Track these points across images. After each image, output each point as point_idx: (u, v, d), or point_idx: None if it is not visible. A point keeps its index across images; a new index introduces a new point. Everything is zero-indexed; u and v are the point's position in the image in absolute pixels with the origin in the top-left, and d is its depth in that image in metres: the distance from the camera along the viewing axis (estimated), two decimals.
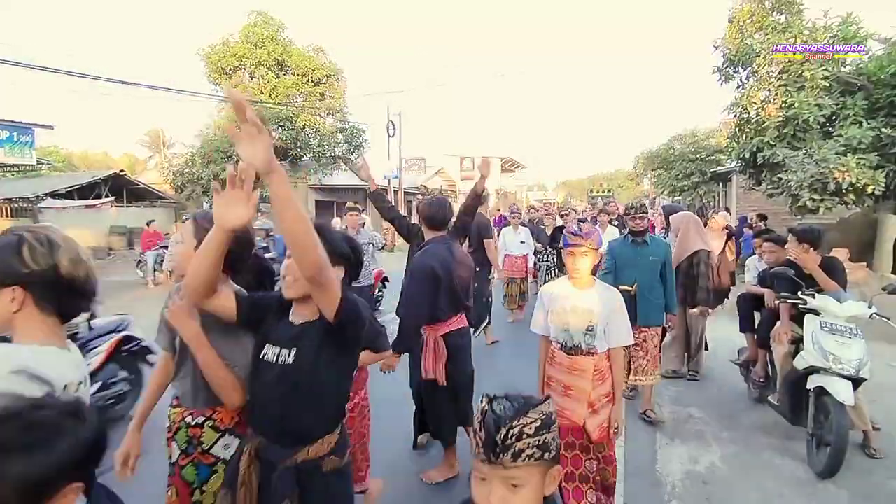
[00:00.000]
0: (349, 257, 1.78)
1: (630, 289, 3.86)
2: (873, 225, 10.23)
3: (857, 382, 3.14)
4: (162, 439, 1.89)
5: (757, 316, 4.44)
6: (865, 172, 7.90)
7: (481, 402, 1.03)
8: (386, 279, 8.52)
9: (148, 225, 12.28)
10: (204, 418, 1.78)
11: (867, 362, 3.13)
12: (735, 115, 10.59)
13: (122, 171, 23.24)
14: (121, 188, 22.26)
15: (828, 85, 8.97)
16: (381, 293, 8.31)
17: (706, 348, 5.39)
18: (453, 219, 3.48)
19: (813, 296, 3.33)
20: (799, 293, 3.40)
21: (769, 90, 9.64)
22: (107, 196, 21.54)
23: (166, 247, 11.94)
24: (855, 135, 8.28)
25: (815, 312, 3.33)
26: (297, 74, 22.19)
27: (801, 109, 8.96)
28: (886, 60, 8.51)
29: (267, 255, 6.91)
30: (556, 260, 7.75)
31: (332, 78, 22.88)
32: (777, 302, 3.64)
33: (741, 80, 10.62)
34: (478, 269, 4.83)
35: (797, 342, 3.53)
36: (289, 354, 1.60)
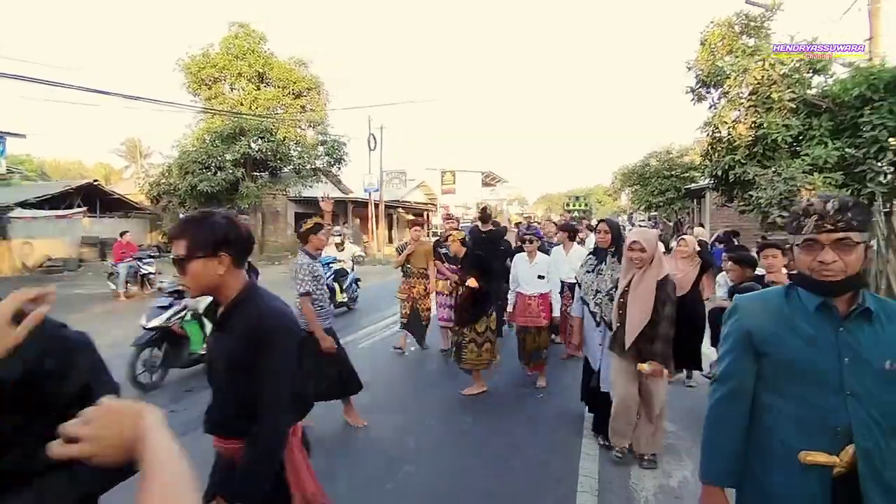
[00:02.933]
0: (228, 242, 1.59)
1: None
2: None
3: None
4: None
5: None
6: (831, 191, 8.18)
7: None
8: (358, 279, 10.24)
9: (121, 236, 12.00)
10: None
11: None
12: (708, 134, 10.91)
13: (95, 180, 22.72)
14: (94, 198, 21.76)
15: (794, 106, 9.31)
16: (356, 294, 10.03)
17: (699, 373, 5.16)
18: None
19: None
20: None
21: (740, 110, 9.98)
22: (79, 206, 21.02)
23: (140, 259, 11.68)
24: (821, 154, 8.59)
25: None
26: (278, 87, 22.15)
27: (770, 129, 9.28)
28: (850, 83, 8.87)
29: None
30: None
31: (313, 91, 22.89)
32: None
33: (713, 101, 10.96)
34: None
35: None
36: None
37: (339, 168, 24.26)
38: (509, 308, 5.30)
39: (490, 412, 4.59)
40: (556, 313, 5.19)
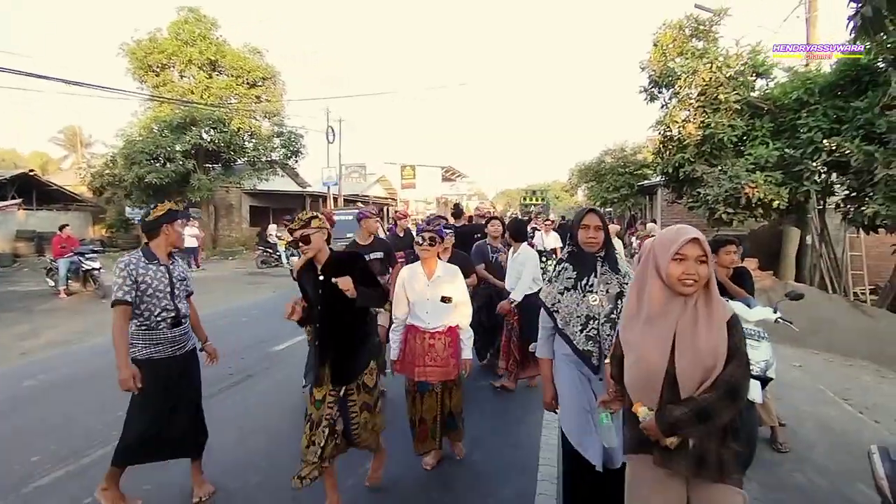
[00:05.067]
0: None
1: None
2: (778, 236, 11.21)
3: (764, 382, 3.40)
4: None
5: None
6: (772, 189, 8.64)
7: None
8: None
9: (60, 230, 11.30)
10: None
11: (773, 363, 3.41)
12: (660, 133, 11.31)
13: (31, 170, 21.33)
14: (30, 189, 20.43)
15: (739, 108, 9.77)
16: None
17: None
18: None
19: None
20: None
21: (689, 111, 10.38)
22: (14, 198, 19.68)
23: (82, 254, 11.04)
24: (762, 154, 9.05)
25: None
26: (232, 76, 21.38)
27: (717, 129, 9.71)
28: (789, 87, 9.39)
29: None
30: None
31: (268, 80, 22.23)
32: None
33: (665, 100, 11.34)
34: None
35: None
36: None
37: (297, 161, 23.73)
38: (392, 351, 3.33)
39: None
40: (468, 355, 3.31)
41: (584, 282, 2.47)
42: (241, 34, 29.39)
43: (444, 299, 3.23)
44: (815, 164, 8.63)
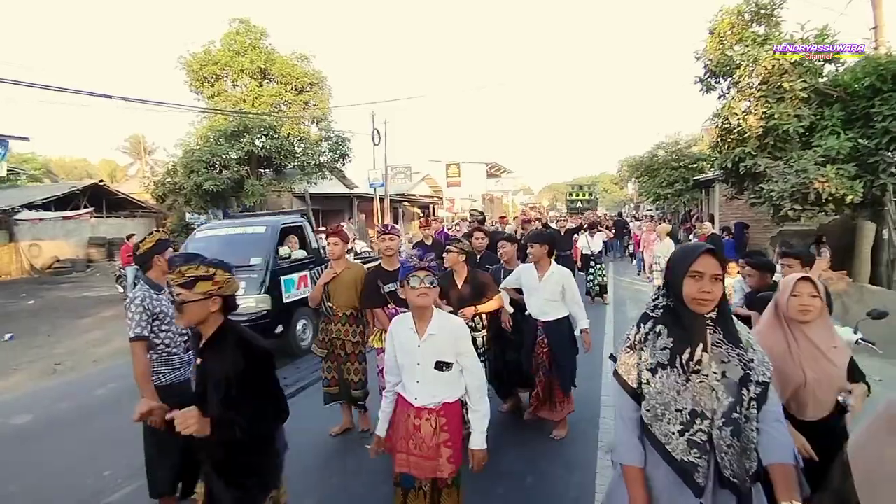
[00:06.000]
0: None
1: None
2: (852, 231, 10.41)
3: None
4: None
5: None
6: (844, 182, 8.02)
7: None
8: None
9: (128, 239, 12.01)
10: None
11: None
12: (717, 125, 10.72)
13: (101, 181, 22.86)
14: (100, 198, 21.85)
15: (806, 96, 9.11)
16: None
17: None
18: None
19: None
20: None
21: (750, 101, 9.78)
22: (86, 206, 21.13)
23: None
24: (833, 145, 8.41)
25: None
26: (281, 83, 22.03)
27: (781, 120, 9.08)
28: (861, 73, 8.67)
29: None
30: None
31: (315, 86, 22.75)
32: None
33: (722, 91, 10.75)
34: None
35: None
36: None
37: (344, 163, 24.17)
38: (379, 425, 2.56)
39: (505, 427, 4.41)
40: (477, 445, 2.36)
41: (686, 356, 1.64)
42: (290, 41, 30.42)
43: (441, 366, 2.37)
44: (891, 155, 7.96)
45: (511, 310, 4.19)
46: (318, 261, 7.30)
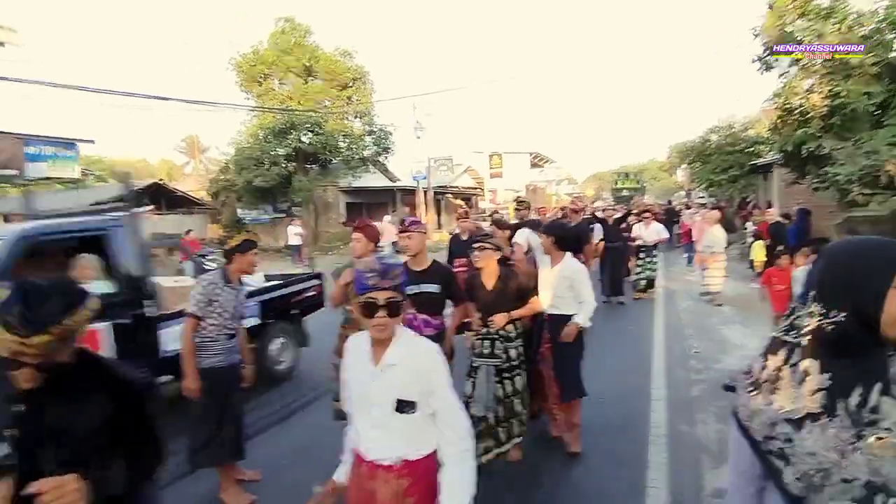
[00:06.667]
0: None
1: None
2: None
3: None
4: None
5: None
6: None
7: None
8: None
9: (186, 234, 12.64)
10: None
11: None
12: (777, 106, 10.16)
13: (160, 179, 24.06)
14: (160, 196, 23.07)
15: (878, 71, 8.48)
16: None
17: None
18: None
19: None
20: None
21: (813, 79, 9.20)
22: (146, 204, 22.35)
23: (204, 255, 12.20)
24: None
25: None
26: (326, 79, 22.49)
27: (850, 98, 8.50)
28: None
29: None
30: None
31: (358, 81, 23.10)
32: None
33: (783, 69, 10.15)
34: None
35: None
36: None
37: (387, 157, 24.47)
38: (340, 468, 1.84)
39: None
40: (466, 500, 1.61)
41: (856, 403, 1.04)
42: (332, 37, 31.14)
43: (402, 406, 1.63)
44: None
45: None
46: (134, 302, 4.03)
